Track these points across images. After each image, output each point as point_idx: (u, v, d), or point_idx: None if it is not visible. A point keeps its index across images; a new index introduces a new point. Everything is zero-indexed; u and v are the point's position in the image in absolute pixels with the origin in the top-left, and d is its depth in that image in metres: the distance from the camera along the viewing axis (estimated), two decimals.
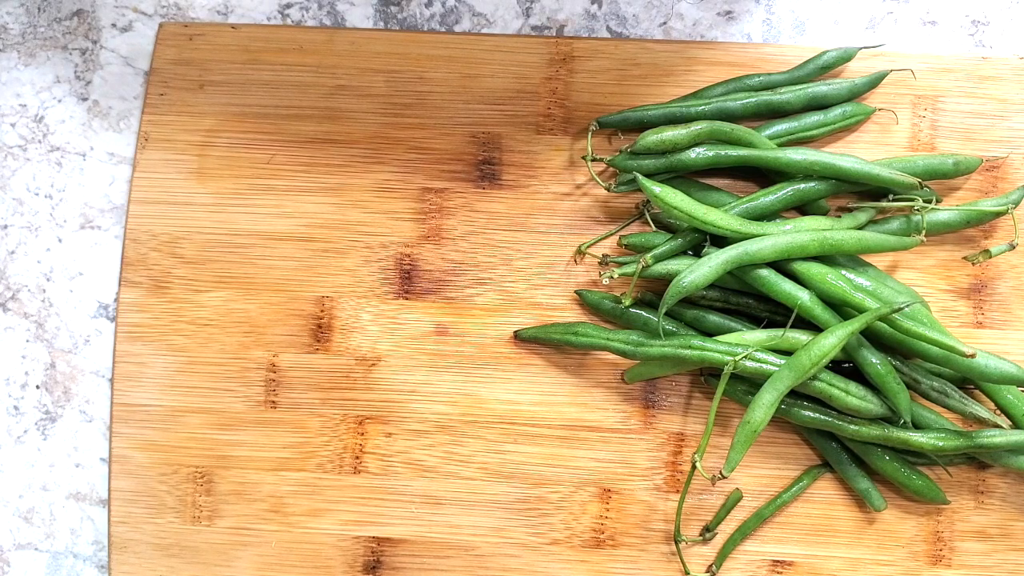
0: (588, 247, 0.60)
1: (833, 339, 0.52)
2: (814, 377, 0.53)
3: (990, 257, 0.57)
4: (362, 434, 0.60)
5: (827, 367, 0.53)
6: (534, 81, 0.62)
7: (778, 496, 0.58)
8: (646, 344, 0.56)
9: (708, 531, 0.58)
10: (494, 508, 0.59)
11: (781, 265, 0.56)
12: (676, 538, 0.56)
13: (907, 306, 0.51)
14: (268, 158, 0.62)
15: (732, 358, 0.53)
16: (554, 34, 0.63)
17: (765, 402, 0.52)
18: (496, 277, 0.61)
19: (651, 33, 0.63)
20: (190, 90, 0.63)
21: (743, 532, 0.58)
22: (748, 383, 0.56)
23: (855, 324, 0.52)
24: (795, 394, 0.54)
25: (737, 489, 0.58)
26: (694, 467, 0.52)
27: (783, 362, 0.53)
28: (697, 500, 0.58)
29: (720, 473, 0.52)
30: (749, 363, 0.53)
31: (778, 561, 0.59)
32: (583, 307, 0.60)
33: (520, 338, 0.60)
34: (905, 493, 0.58)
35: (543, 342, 0.60)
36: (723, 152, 0.58)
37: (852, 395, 0.53)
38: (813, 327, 0.55)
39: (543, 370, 0.60)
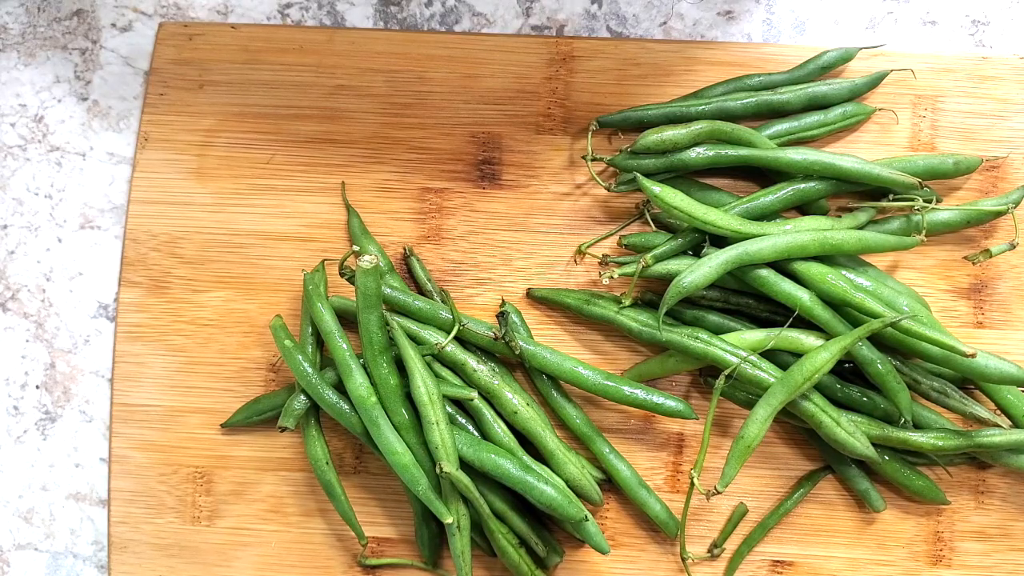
0: (588, 247, 0.60)
1: (826, 354, 0.52)
2: (808, 398, 0.53)
3: (990, 257, 0.57)
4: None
5: (829, 372, 0.53)
6: (534, 81, 0.62)
7: (781, 504, 0.58)
8: (654, 327, 0.56)
9: (716, 547, 0.58)
10: None
11: (781, 265, 0.55)
12: (683, 556, 0.56)
13: (897, 319, 0.51)
14: (268, 158, 0.62)
15: (726, 369, 0.53)
16: (554, 34, 0.63)
17: (759, 417, 0.52)
18: (496, 277, 0.61)
19: (651, 33, 0.63)
20: (190, 90, 0.63)
21: (749, 544, 0.58)
22: (747, 386, 0.56)
23: (847, 340, 0.52)
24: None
25: (742, 503, 0.58)
26: (692, 483, 0.52)
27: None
28: (698, 502, 0.58)
29: (715, 488, 0.52)
30: (748, 368, 0.53)
31: (778, 561, 0.59)
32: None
33: (532, 297, 0.60)
34: (905, 493, 0.58)
35: (555, 305, 0.60)
36: (723, 152, 0.58)
37: (842, 427, 0.53)
38: (813, 327, 0.55)
39: None
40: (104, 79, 0.64)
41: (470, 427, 0.56)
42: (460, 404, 0.56)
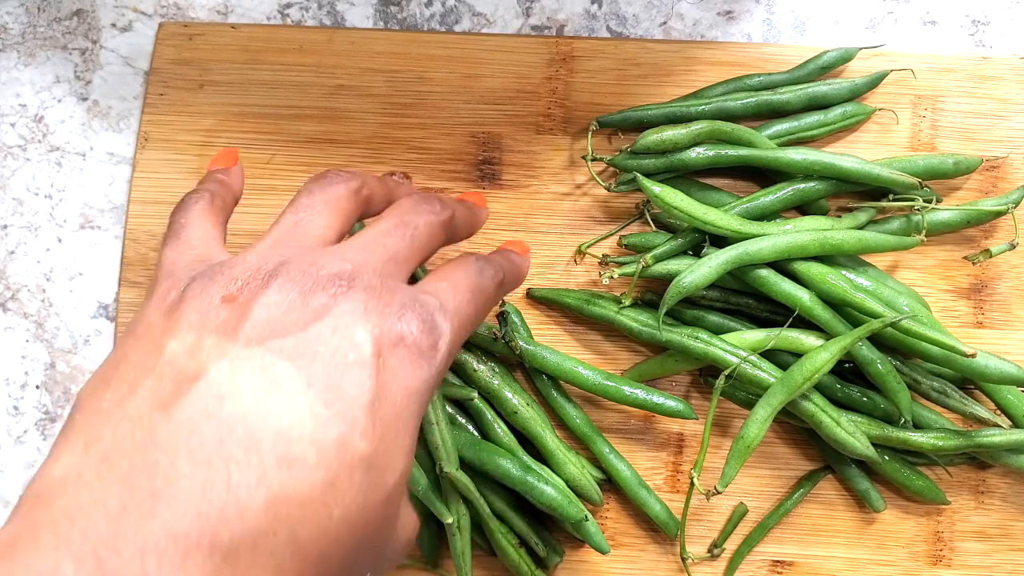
0: (588, 247, 0.60)
1: (826, 354, 0.52)
2: (807, 398, 0.53)
3: (990, 257, 0.57)
4: None
5: (829, 372, 0.53)
6: (534, 81, 0.62)
7: (781, 505, 0.58)
8: (654, 327, 0.56)
9: (716, 547, 0.58)
10: None
11: (781, 265, 0.56)
12: (683, 556, 0.56)
13: (897, 319, 0.51)
14: (268, 158, 0.62)
15: (726, 369, 0.53)
16: (554, 34, 0.63)
17: (759, 418, 0.52)
18: None
19: (651, 33, 0.63)
20: (190, 90, 0.63)
21: (749, 544, 0.58)
22: (747, 386, 0.56)
23: (847, 340, 0.52)
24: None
25: (742, 503, 0.58)
26: (692, 483, 0.52)
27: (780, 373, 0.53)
28: (697, 501, 0.58)
29: (716, 488, 0.52)
30: (748, 368, 0.53)
31: (778, 561, 0.59)
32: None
33: (532, 297, 0.60)
34: (905, 493, 0.58)
35: (555, 305, 0.60)
36: (723, 152, 0.58)
37: (842, 428, 0.53)
38: (813, 327, 0.55)
39: None
40: (104, 79, 0.64)
41: (470, 427, 0.56)
42: (460, 404, 0.56)
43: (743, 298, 0.58)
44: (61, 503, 0.25)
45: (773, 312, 0.57)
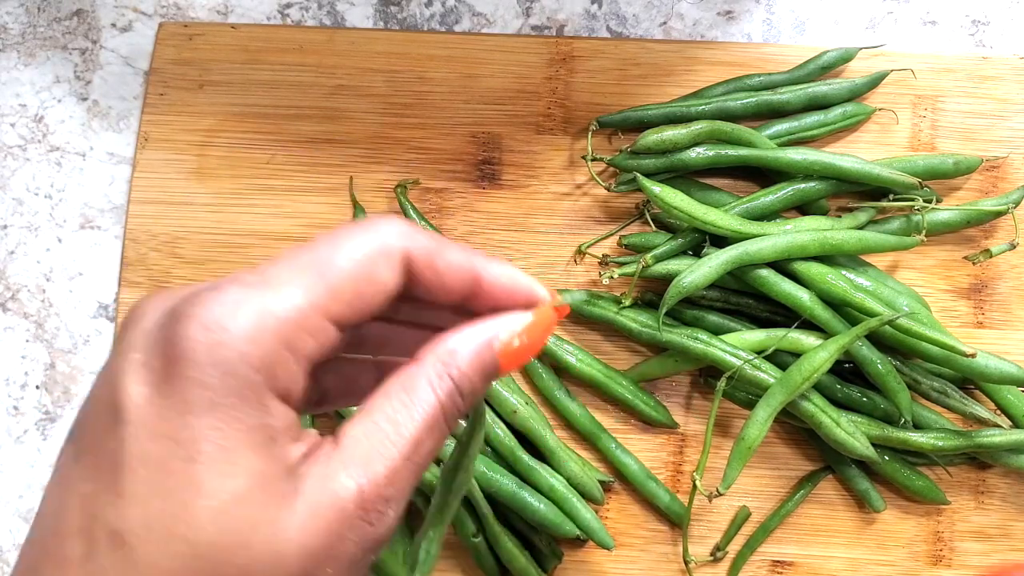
0: (588, 247, 0.60)
1: (824, 354, 0.52)
2: (807, 398, 0.53)
3: (991, 257, 0.57)
4: None
5: (829, 372, 0.53)
6: (534, 81, 0.62)
7: (782, 506, 0.58)
8: (654, 327, 0.56)
9: (719, 550, 0.58)
10: None
11: (781, 265, 0.55)
12: (685, 559, 0.56)
13: (895, 317, 0.51)
14: (268, 158, 0.62)
15: (728, 371, 0.53)
16: (554, 34, 0.63)
17: (759, 419, 0.52)
18: None
19: (651, 33, 0.63)
20: (190, 90, 0.63)
21: (751, 547, 0.58)
22: (747, 386, 0.56)
23: (845, 339, 0.52)
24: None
25: (745, 507, 0.58)
26: (695, 486, 0.52)
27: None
28: (698, 501, 0.58)
29: (717, 490, 0.52)
30: (748, 369, 0.53)
31: (778, 561, 0.59)
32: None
33: None
34: (905, 493, 0.58)
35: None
36: (723, 152, 0.58)
37: (842, 428, 0.53)
38: (813, 327, 0.55)
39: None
40: (104, 79, 0.64)
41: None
42: None
43: (743, 298, 0.58)
44: None
45: (773, 312, 0.57)
